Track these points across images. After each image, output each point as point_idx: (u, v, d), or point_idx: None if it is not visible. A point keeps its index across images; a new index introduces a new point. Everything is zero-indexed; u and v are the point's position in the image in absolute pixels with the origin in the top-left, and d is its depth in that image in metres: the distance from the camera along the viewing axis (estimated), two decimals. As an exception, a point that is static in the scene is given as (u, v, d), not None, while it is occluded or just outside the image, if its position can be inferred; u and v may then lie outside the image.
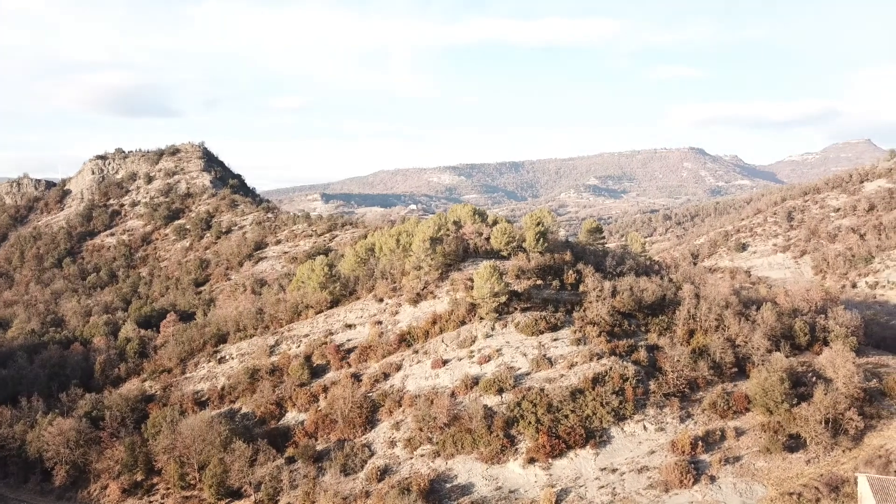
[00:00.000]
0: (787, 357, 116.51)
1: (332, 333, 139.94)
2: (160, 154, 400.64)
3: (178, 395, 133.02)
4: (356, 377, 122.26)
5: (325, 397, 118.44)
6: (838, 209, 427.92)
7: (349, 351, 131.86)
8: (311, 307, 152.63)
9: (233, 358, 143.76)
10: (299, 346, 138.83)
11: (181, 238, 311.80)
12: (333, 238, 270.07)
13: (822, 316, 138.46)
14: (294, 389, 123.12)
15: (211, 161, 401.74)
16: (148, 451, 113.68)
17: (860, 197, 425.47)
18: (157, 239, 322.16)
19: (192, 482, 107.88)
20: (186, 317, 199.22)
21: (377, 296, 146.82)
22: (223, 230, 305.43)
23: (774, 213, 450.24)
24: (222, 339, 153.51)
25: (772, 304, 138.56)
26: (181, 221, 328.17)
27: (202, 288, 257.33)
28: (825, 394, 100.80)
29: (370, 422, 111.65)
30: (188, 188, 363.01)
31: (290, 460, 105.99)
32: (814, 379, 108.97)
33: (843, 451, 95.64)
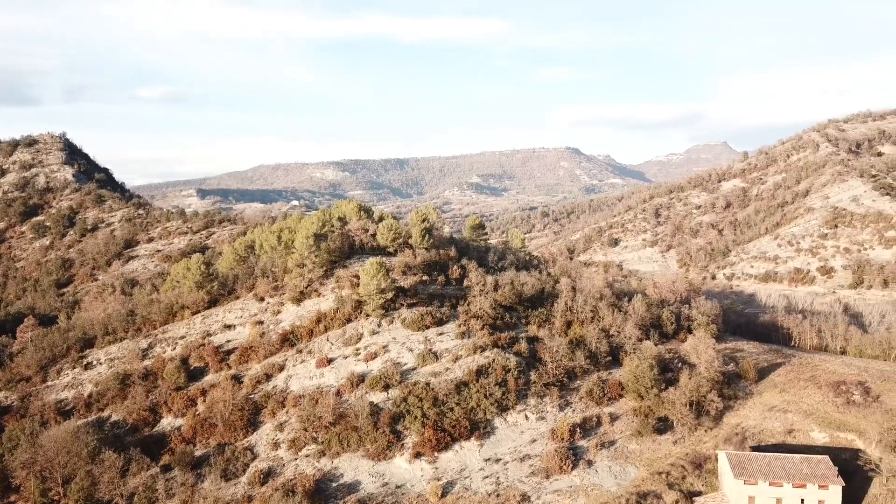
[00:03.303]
0: (656, 345, 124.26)
1: (210, 334, 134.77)
2: (14, 145, 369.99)
3: (39, 404, 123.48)
4: (237, 379, 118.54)
5: (204, 401, 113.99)
6: (699, 206, 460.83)
7: (229, 352, 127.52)
8: (188, 308, 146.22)
9: (101, 363, 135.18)
10: (175, 348, 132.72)
11: (40, 236, 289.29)
12: (210, 235, 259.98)
13: (687, 306, 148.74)
14: (170, 394, 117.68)
15: (74, 154, 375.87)
16: (4, 468, 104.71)
17: (718, 195, 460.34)
18: (12, 237, 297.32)
19: (56, 498, 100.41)
20: (47, 320, 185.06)
21: (258, 295, 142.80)
22: (88, 227, 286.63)
23: (643, 210, 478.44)
24: (89, 343, 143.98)
25: (642, 295, 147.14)
26: (40, 218, 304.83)
27: (65, 289, 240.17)
28: (690, 378, 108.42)
29: (252, 424, 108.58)
30: (48, 182, 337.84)
31: (167, 468, 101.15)
32: (680, 365, 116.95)
33: (706, 431, 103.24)
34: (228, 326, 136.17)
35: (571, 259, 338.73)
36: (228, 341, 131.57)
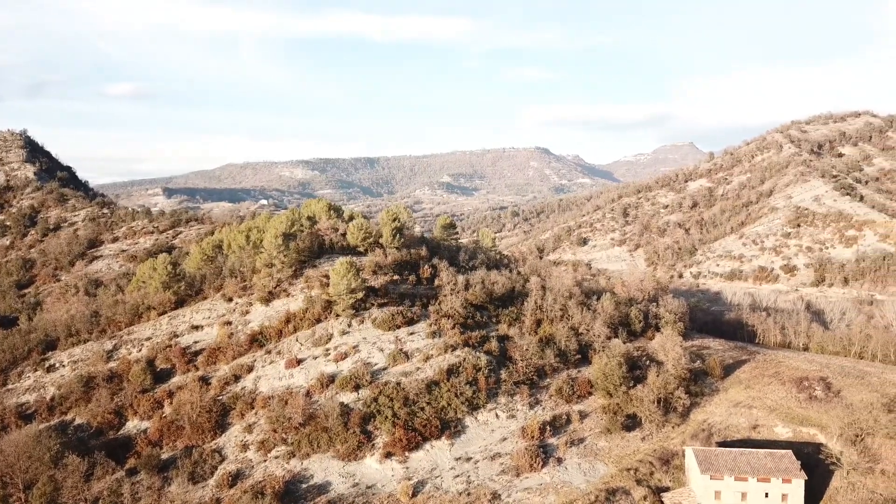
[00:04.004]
0: (624, 343, 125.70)
1: (177, 335, 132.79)
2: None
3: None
4: (205, 380, 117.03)
5: (171, 403, 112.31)
6: (667, 206, 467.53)
7: (196, 353, 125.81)
8: (154, 308, 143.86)
9: (64, 365, 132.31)
10: (141, 349, 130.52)
11: (0, 236, 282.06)
12: (177, 235, 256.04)
13: (654, 304, 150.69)
14: (135, 396, 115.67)
15: (35, 151, 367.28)
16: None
17: (685, 195, 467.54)
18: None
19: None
20: (8, 322, 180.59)
21: (226, 295, 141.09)
22: (51, 227, 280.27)
23: (612, 210, 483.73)
24: (51, 345, 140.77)
25: (610, 294, 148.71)
26: (0, 217, 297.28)
27: (26, 290, 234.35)
28: (657, 376, 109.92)
29: (220, 426, 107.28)
30: (8, 180, 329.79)
31: (132, 472, 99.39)
32: (648, 362, 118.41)
33: (673, 427, 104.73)
34: (196, 327, 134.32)
35: (541, 258, 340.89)
36: (196, 342, 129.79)
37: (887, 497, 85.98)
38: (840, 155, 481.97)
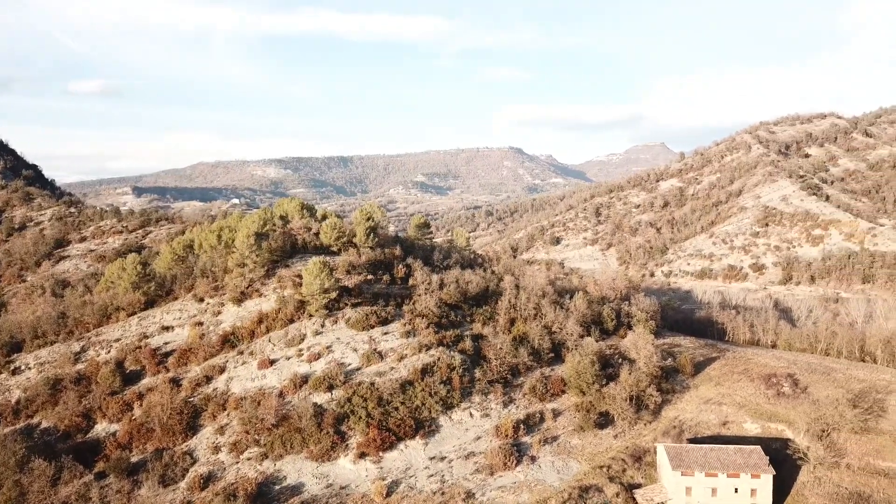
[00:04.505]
0: (597, 341, 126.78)
1: (147, 336, 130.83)
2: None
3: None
4: (175, 382, 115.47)
5: (141, 405, 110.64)
6: (638, 205, 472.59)
7: (167, 354, 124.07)
8: (123, 309, 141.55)
9: (29, 368, 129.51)
10: (109, 351, 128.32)
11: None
12: (147, 234, 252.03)
13: (626, 303, 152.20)
14: (104, 399, 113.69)
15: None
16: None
17: (656, 195, 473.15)
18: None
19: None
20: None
21: (197, 295, 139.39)
22: (16, 226, 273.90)
23: (584, 210, 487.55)
24: (16, 347, 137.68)
25: (583, 292, 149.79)
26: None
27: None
28: (630, 374, 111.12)
29: (192, 428, 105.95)
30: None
31: (101, 475, 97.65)
32: (620, 360, 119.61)
33: (645, 425, 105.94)
34: (166, 328, 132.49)
35: (515, 257, 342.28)
36: (166, 343, 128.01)
37: (852, 491, 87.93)
38: (807, 155, 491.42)
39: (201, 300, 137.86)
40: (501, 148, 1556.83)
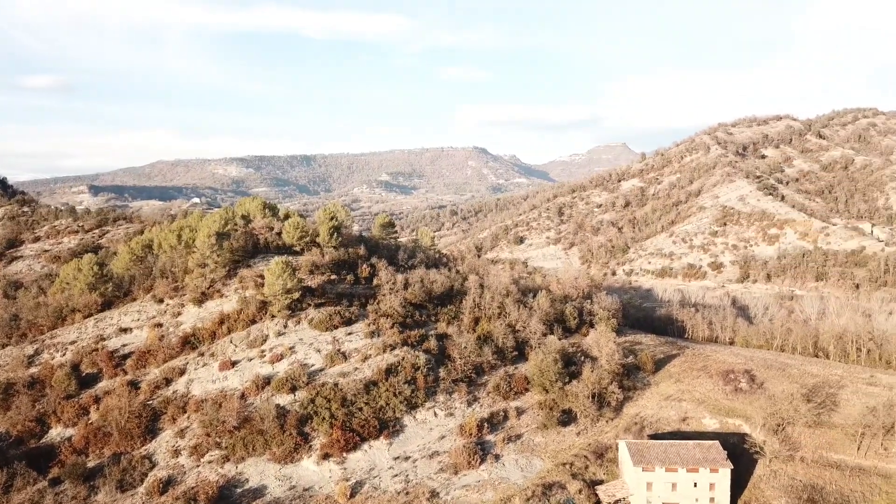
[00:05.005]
0: (560, 339, 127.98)
1: (104, 339, 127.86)
2: None
3: None
4: (134, 385, 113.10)
5: (98, 409, 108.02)
6: (600, 205, 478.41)
7: (125, 357, 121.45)
8: (79, 311, 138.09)
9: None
10: (65, 354, 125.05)
11: None
12: (104, 234, 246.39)
13: (589, 301, 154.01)
14: (59, 403, 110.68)
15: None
16: None
17: (618, 194, 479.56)
18: None
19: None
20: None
21: (157, 296, 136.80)
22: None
23: (547, 209, 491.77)
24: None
25: (546, 291, 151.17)
26: None
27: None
28: (592, 371, 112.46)
29: (151, 431, 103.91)
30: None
31: (56, 482, 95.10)
32: (582, 358, 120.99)
33: (607, 422, 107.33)
34: (124, 330, 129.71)
35: (479, 257, 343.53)
36: (124, 345, 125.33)
37: (806, 483, 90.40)
38: (763, 156, 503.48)
39: (161, 301, 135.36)
40: (466, 148, 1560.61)
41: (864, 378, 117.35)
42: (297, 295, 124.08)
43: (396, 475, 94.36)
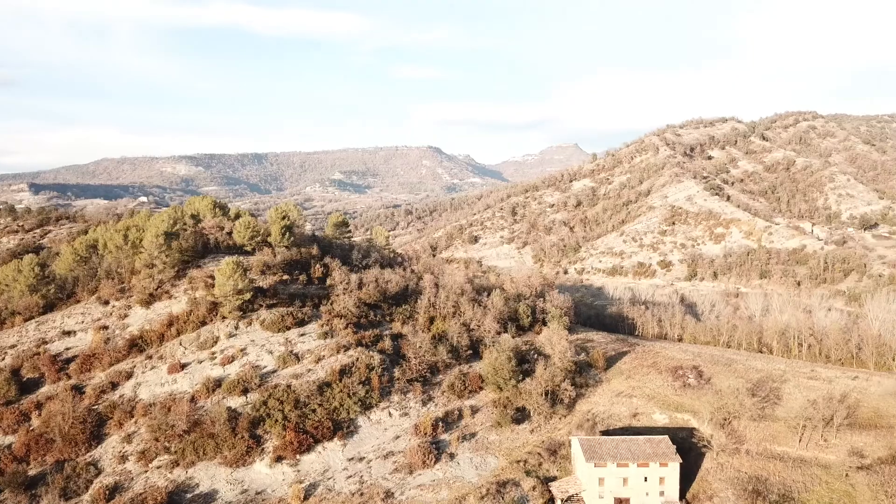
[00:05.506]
0: (513, 337, 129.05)
1: (46, 342, 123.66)
2: None
3: None
4: (78, 389, 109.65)
5: (39, 415, 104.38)
6: (553, 205, 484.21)
7: (69, 360, 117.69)
8: (19, 314, 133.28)
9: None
10: (4, 358, 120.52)
11: None
12: (46, 234, 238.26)
13: (542, 299, 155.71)
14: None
15: None
16: None
17: (570, 194, 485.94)
18: None
19: None
20: None
21: (102, 298, 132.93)
22: None
23: (501, 209, 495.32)
24: None
25: (500, 290, 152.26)
26: None
27: None
28: (545, 369, 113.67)
29: (96, 437, 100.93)
30: None
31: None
32: (536, 356, 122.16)
33: (560, 419, 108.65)
34: (68, 333, 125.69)
35: (434, 256, 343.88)
36: (68, 349, 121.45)
37: (751, 475, 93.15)
38: (710, 157, 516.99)
39: (106, 303, 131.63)
40: (420, 147, 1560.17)
41: (805, 372, 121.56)
42: (248, 296, 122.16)
43: (351, 476, 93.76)
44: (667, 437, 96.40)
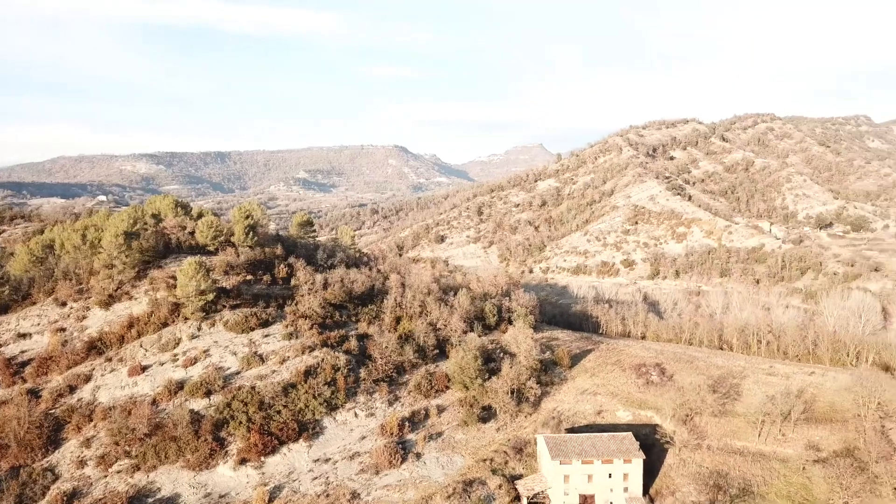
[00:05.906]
0: (479, 337, 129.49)
1: (0, 345, 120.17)
2: None
3: None
4: (34, 393, 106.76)
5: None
6: (518, 205, 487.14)
7: (24, 364, 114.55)
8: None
9: None
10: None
11: None
12: (0, 234, 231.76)
13: (507, 298, 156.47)
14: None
15: None
16: None
17: (535, 194, 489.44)
18: None
19: None
20: None
21: (59, 299, 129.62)
22: None
23: (467, 209, 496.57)
24: None
25: (466, 289, 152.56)
26: None
27: None
28: (511, 367, 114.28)
29: (53, 442, 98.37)
30: None
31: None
32: (502, 355, 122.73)
33: (526, 417, 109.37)
34: (23, 335, 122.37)
35: (401, 256, 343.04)
36: (23, 352, 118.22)
37: (712, 470, 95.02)
38: (672, 158, 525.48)
39: (63, 304, 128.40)
40: (386, 146, 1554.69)
41: (764, 368, 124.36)
42: (211, 296, 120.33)
43: (316, 477, 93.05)
44: (630, 433, 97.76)
